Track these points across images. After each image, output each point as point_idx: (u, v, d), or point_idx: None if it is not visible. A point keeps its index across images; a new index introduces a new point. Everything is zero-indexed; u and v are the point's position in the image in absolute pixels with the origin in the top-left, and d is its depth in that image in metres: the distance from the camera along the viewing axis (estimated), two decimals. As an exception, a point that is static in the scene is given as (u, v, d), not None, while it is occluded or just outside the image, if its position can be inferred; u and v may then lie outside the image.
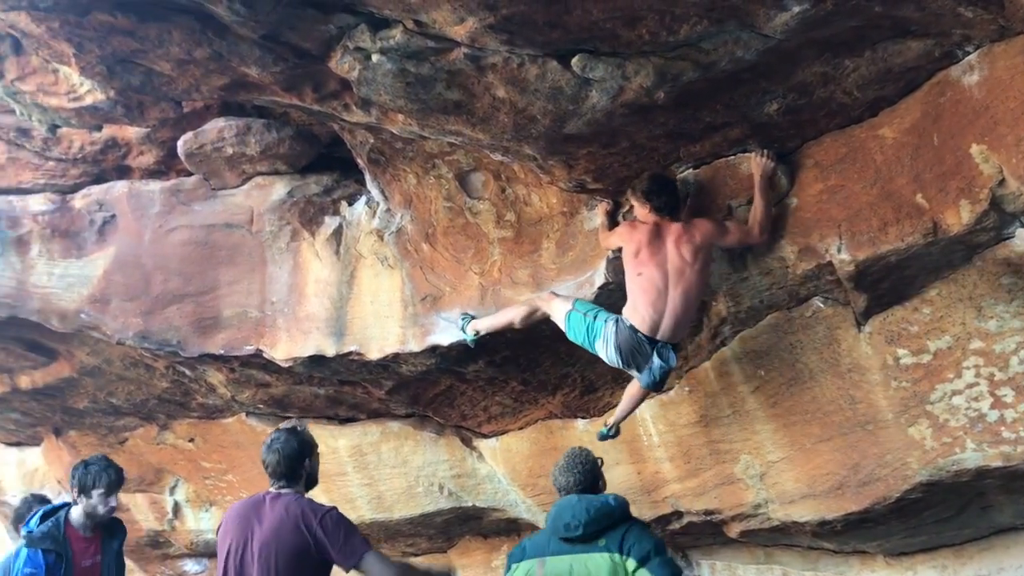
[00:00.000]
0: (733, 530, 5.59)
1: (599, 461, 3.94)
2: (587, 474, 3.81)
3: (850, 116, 4.11)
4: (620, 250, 4.55)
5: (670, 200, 4.41)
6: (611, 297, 4.72)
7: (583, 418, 5.75)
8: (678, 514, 5.67)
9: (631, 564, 3.50)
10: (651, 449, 5.50)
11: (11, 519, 5.75)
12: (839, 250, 4.19)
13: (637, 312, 4.34)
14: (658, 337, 4.35)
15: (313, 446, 3.94)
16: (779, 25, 3.41)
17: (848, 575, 5.82)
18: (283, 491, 3.79)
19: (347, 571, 3.82)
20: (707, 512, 5.52)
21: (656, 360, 4.37)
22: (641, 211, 4.46)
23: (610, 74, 3.68)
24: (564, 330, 4.56)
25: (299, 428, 4.03)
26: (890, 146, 4.04)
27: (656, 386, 4.54)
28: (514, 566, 3.76)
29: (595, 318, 4.43)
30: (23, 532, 4.45)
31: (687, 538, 6.10)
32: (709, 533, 5.86)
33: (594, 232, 4.82)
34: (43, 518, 4.45)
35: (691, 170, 4.52)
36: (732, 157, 4.40)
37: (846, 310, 4.51)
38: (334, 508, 3.79)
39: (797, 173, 4.34)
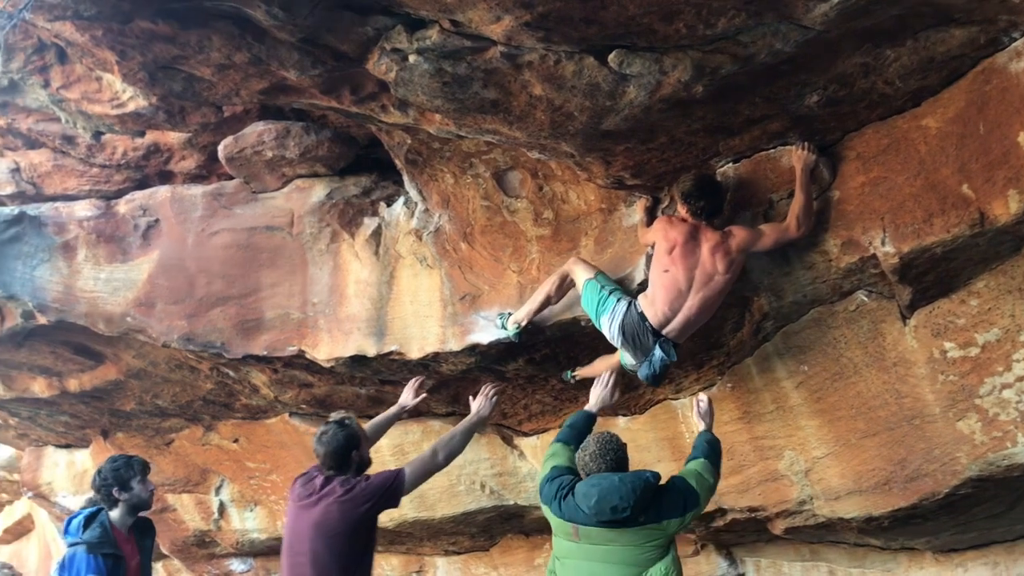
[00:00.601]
0: (778, 527, 5.53)
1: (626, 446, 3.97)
2: (620, 461, 3.80)
3: (892, 106, 4.05)
4: (636, 244, 4.62)
5: (711, 204, 4.38)
6: (651, 293, 4.71)
7: (624, 415, 5.73)
8: (721, 511, 5.62)
9: (674, 525, 3.69)
10: (693, 446, 5.47)
11: None
12: (883, 242, 4.14)
13: (653, 305, 4.39)
14: (664, 332, 4.39)
15: (361, 437, 4.21)
16: (818, 16, 3.37)
17: (896, 572, 5.74)
18: (335, 476, 4.11)
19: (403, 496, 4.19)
20: (751, 509, 5.47)
21: (657, 352, 4.40)
22: (681, 210, 4.46)
23: (647, 69, 3.66)
24: (580, 295, 4.64)
25: (347, 420, 4.20)
26: (934, 136, 3.97)
27: (655, 380, 4.51)
28: (546, 506, 3.88)
29: (610, 293, 4.50)
30: (71, 538, 4.47)
31: (731, 535, 6.05)
32: (753, 530, 5.81)
33: (633, 229, 4.80)
34: (86, 523, 4.44)
35: (731, 164, 4.48)
36: (772, 150, 4.36)
37: (890, 303, 4.45)
38: (366, 476, 4.14)
39: (839, 165, 4.29)
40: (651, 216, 4.72)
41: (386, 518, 6.94)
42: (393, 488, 4.12)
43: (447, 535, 7.10)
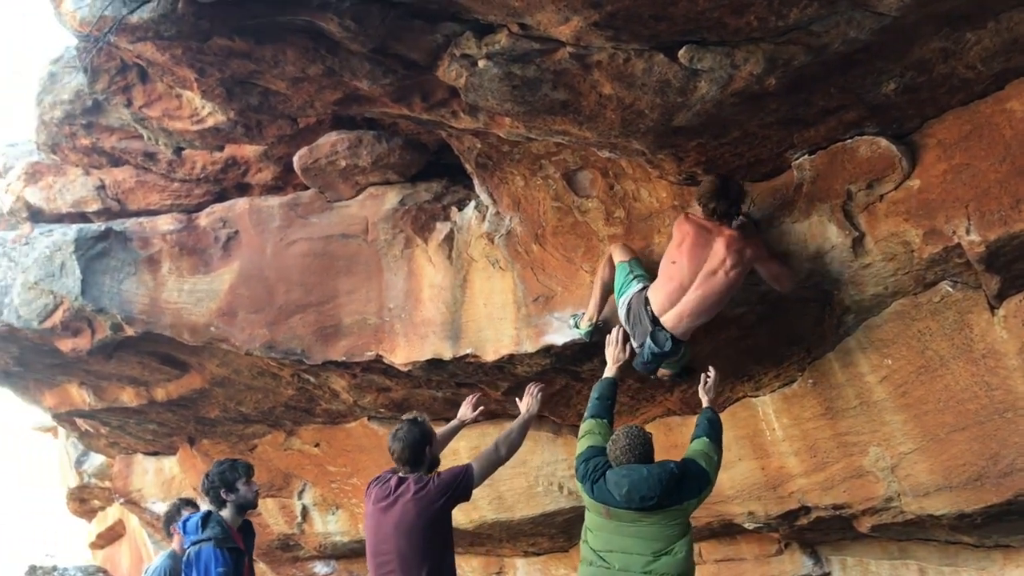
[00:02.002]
0: (864, 525, 5.42)
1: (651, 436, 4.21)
2: (647, 453, 4.08)
3: (974, 91, 3.94)
4: None
5: (723, 206, 4.47)
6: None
7: (702, 414, 5.67)
8: (805, 509, 5.53)
9: (693, 504, 4.07)
10: (775, 444, 5.39)
11: (163, 521, 6.05)
12: (968, 231, 4.02)
13: (657, 294, 4.53)
14: (662, 322, 4.47)
15: (433, 434, 4.41)
16: (894, 2, 3.30)
17: (991, 570, 5.56)
18: (408, 475, 4.25)
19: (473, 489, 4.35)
20: (836, 507, 5.37)
21: (649, 340, 4.49)
22: (697, 211, 4.59)
23: (718, 63, 3.63)
24: None
25: (419, 419, 4.37)
26: (1020, 119, 3.85)
27: (645, 367, 4.62)
28: (580, 483, 4.18)
29: (634, 278, 4.71)
30: (192, 536, 4.64)
31: (815, 534, 5.95)
32: (838, 528, 5.70)
33: (708, 225, 4.76)
34: (203, 522, 4.64)
35: (806, 156, 4.40)
36: (849, 141, 4.27)
37: (977, 293, 4.32)
38: (437, 472, 4.31)
39: (918, 154, 4.18)
40: None
41: (466, 520, 7.02)
42: (464, 481, 4.26)
43: (526, 536, 7.12)
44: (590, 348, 5.13)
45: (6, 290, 6.50)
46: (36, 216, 6.97)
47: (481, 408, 5.09)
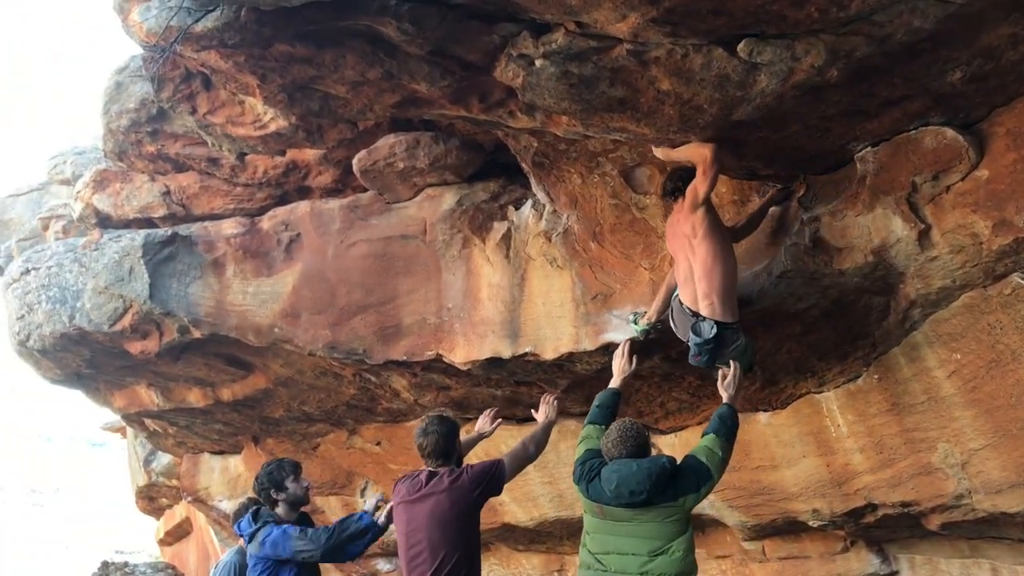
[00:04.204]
0: (933, 522, 5.31)
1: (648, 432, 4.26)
2: (640, 447, 4.03)
3: (1045, 78, 3.83)
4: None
5: (669, 185, 4.62)
6: (790, 286, 4.60)
7: (765, 411, 5.62)
8: (872, 506, 5.45)
9: (691, 500, 3.95)
10: (840, 440, 5.32)
11: (232, 519, 6.18)
12: (1040, 221, 3.92)
13: (682, 293, 4.58)
14: (698, 311, 4.45)
15: (459, 428, 4.48)
16: (960, -12, 3.23)
17: (1067, 569, 5.42)
18: (439, 468, 4.27)
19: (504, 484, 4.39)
20: (903, 504, 5.27)
21: (691, 334, 4.47)
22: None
23: (778, 56, 3.59)
24: None
25: (445, 414, 4.48)
26: (1093, 107, 3.74)
27: (698, 361, 4.54)
28: (576, 485, 4.18)
29: None
30: (249, 528, 4.75)
31: (882, 531, 5.85)
32: (906, 526, 5.60)
33: (770, 220, 4.71)
34: (255, 516, 4.77)
35: (869, 148, 4.32)
36: (913, 131, 4.18)
37: (1050, 285, 4.21)
38: (468, 464, 4.35)
39: (986, 143, 4.07)
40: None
41: (526, 517, 7.05)
42: (497, 475, 4.30)
43: (594, 534, 7.11)
44: (651, 346, 5.10)
45: (77, 294, 6.70)
46: (104, 222, 7.17)
47: (499, 421, 5.14)
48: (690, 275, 4.49)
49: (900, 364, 4.88)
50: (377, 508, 4.86)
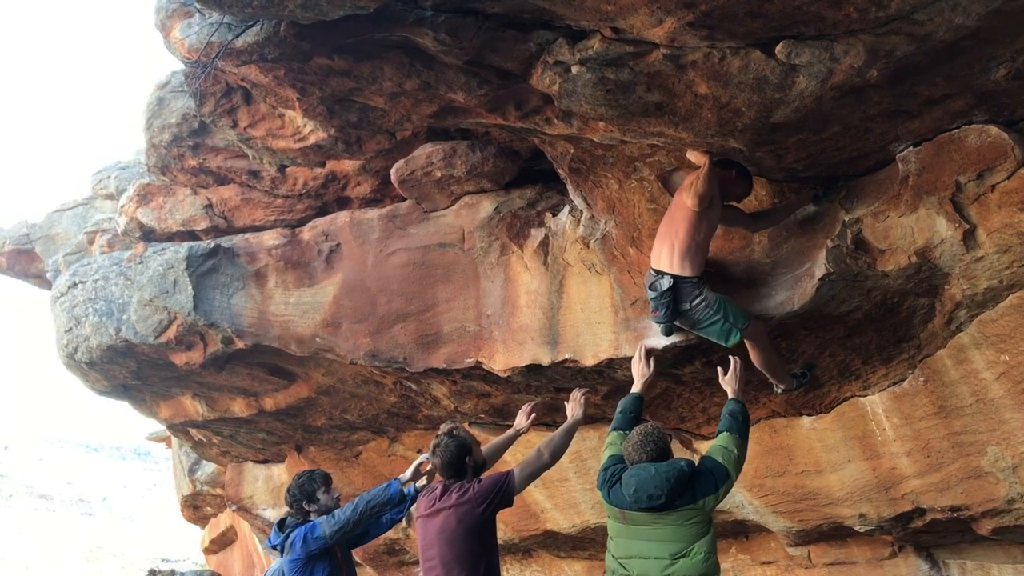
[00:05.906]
0: (984, 527, 5.21)
1: (670, 436, 4.23)
2: (660, 451, 4.03)
3: (1092, 72, 3.76)
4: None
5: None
6: (833, 289, 4.55)
7: (808, 415, 5.55)
8: (920, 511, 5.36)
9: (710, 501, 3.93)
10: (886, 444, 5.24)
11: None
12: (1089, 219, 3.84)
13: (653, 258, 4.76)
14: (660, 268, 4.63)
15: (472, 443, 4.43)
16: (1003, -16, 3.19)
17: (1123, 575, 5.30)
18: (451, 483, 4.32)
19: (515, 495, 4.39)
20: (952, 509, 5.18)
21: (647, 290, 4.71)
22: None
23: (817, 58, 3.56)
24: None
25: (455, 431, 4.44)
26: None
27: (655, 315, 4.74)
28: (599, 491, 4.18)
29: None
30: (277, 539, 4.81)
31: (931, 536, 5.75)
32: (956, 531, 5.50)
33: (809, 222, 4.66)
34: (280, 524, 4.85)
35: (911, 148, 4.27)
36: (956, 130, 4.13)
37: (1101, 284, 4.12)
38: (478, 479, 4.35)
39: (1033, 140, 4.02)
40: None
41: (568, 524, 7.03)
42: (505, 489, 4.30)
43: (629, 540, 7.08)
44: (691, 351, 5.08)
45: (123, 307, 6.82)
46: (148, 235, 7.29)
47: (534, 416, 5.17)
48: (664, 240, 4.65)
49: (947, 366, 4.80)
50: (418, 473, 4.87)
